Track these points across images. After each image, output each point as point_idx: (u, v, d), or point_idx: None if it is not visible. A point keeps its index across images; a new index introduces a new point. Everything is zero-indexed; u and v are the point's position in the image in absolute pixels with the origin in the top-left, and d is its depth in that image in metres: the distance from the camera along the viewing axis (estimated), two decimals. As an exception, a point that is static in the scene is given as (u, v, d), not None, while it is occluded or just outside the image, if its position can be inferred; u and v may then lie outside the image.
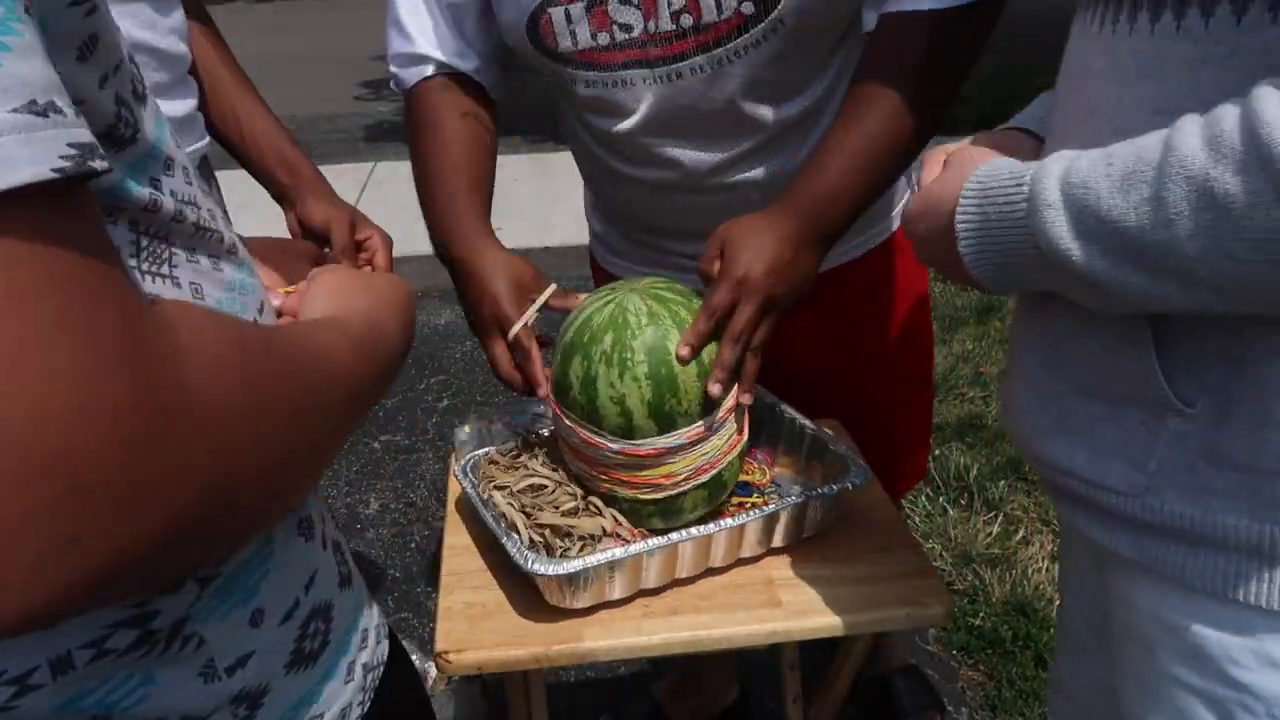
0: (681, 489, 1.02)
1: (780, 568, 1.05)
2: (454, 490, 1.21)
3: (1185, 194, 0.54)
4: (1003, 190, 0.66)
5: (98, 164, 0.36)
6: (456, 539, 1.12)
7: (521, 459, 1.14)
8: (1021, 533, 2.23)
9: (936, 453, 2.54)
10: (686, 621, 0.99)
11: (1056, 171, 0.62)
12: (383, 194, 4.64)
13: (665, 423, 0.98)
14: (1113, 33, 0.67)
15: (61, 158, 0.34)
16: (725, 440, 1.03)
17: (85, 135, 0.36)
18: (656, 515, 1.04)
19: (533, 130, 5.65)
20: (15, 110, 0.33)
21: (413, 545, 2.37)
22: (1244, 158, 0.52)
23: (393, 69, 1.26)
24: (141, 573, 0.38)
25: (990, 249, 0.68)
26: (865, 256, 1.34)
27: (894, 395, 1.44)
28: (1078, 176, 0.60)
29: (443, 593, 1.03)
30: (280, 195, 1.26)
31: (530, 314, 1.08)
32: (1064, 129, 0.74)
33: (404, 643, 2.10)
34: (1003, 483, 2.40)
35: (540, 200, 4.62)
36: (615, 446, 1.00)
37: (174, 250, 0.50)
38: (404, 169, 5.28)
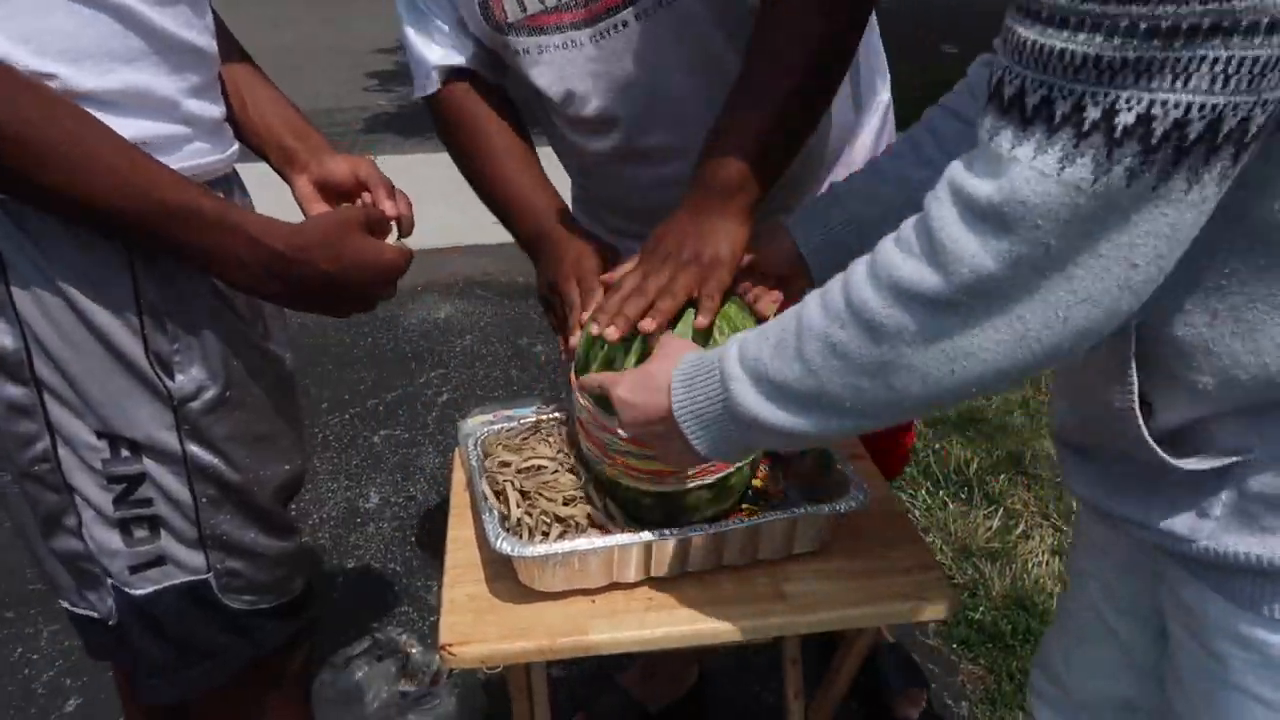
0: (685, 485, 1.01)
1: (783, 562, 1.05)
2: (458, 483, 1.21)
3: (816, 349, 0.70)
4: (701, 376, 0.80)
5: None
6: (460, 532, 1.12)
7: (529, 440, 1.15)
8: (1021, 527, 2.23)
9: (936, 447, 2.55)
10: (690, 615, 0.99)
11: (734, 352, 0.78)
12: (382, 188, 4.63)
13: None
14: None
15: None
16: None
17: None
18: (657, 509, 1.03)
19: (533, 124, 5.64)
20: None
21: (413, 539, 2.37)
22: (844, 314, 0.67)
23: (416, 81, 1.28)
24: None
25: (705, 426, 0.81)
26: None
27: None
28: (749, 351, 0.76)
29: (446, 585, 1.03)
30: (289, 160, 1.13)
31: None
32: None
33: (404, 636, 2.09)
34: (1003, 477, 2.41)
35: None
36: (625, 433, 1.00)
37: None
38: (402, 162, 5.28)
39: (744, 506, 1.10)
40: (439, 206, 4.54)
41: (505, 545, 0.96)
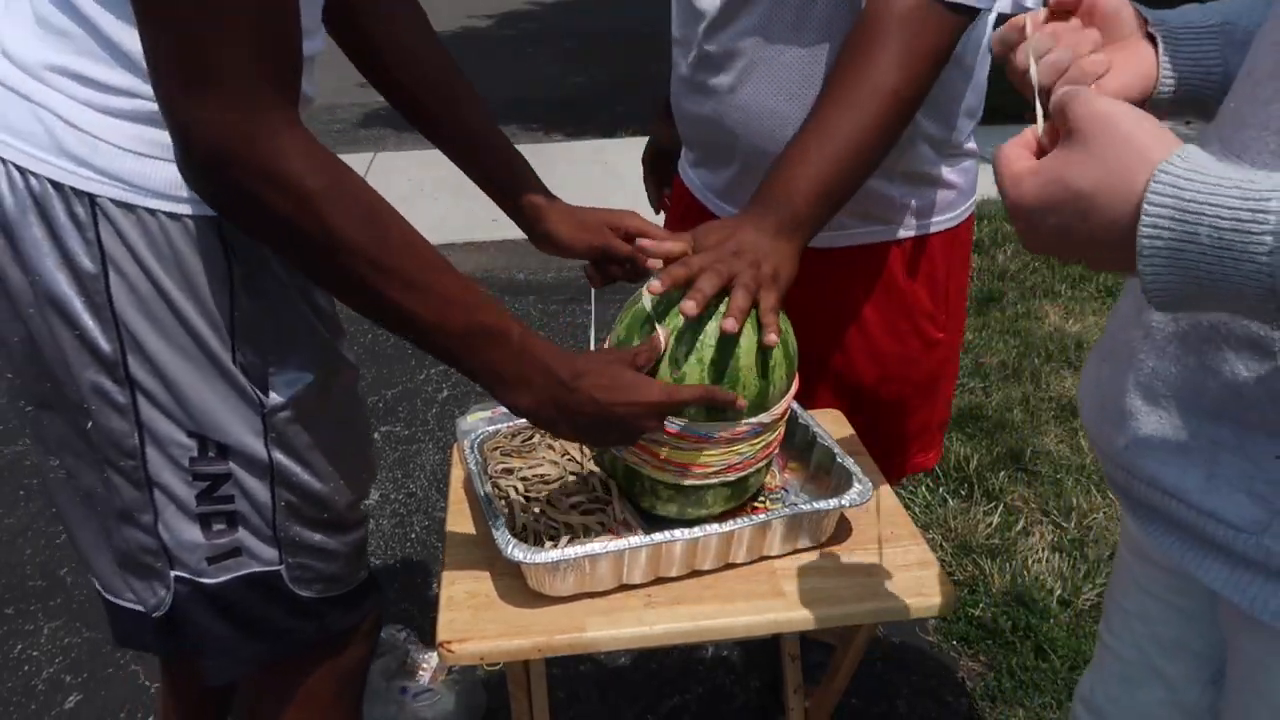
0: (709, 482, 1.01)
1: (782, 558, 1.05)
2: (456, 480, 1.21)
3: None
4: (1228, 211, 0.50)
5: None
6: (458, 529, 1.12)
7: (533, 441, 1.14)
8: (1021, 523, 2.23)
9: (936, 444, 2.55)
10: (689, 612, 0.99)
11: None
12: (382, 184, 4.57)
13: (714, 413, 0.98)
14: None
15: None
16: (761, 445, 1.02)
17: None
18: (675, 501, 1.04)
19: (533, 121, 5.64)
20: None
21: (413, 536, 2.37)
22: None
23: None
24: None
25: (1192, 279, 0.52)
26: (871, 248, 1.34)
27: (894, 397, 1.43)
28: None
29: (445, 582, 1.03)
30: (539, 218, 1.21)
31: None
32: (1251, 117, 0.65)
33: (404, 633, 2.08)
34: (1003, 473, 2.41)
35: (540, 191, 4.58)
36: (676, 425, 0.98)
37: None
38: (402, 160, 5.26)
39: (755, 505, 1.10)
40: (438, 203, 4.55)
41: (517, 552, 0.96)
